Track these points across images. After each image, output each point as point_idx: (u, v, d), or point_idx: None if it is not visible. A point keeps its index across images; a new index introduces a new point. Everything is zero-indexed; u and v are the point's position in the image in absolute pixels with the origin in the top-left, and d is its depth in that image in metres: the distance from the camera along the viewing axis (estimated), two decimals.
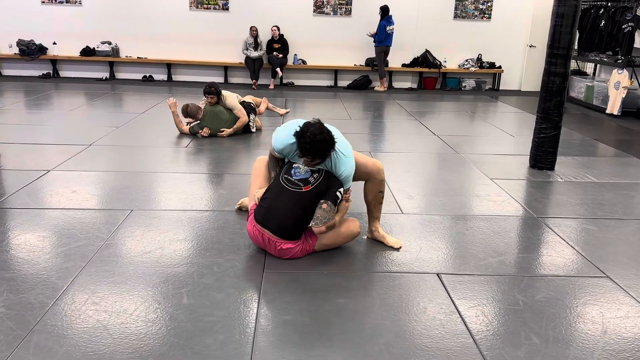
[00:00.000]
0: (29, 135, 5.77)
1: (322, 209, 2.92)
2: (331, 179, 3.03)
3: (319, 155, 2.86)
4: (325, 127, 2.89)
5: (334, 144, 2.89)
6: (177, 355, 2.17)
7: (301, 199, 2.96)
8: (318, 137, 2.80)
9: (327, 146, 2.85)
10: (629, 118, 8.28)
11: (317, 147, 2.82)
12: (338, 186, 3.00)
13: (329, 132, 2.87)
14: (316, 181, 2.99)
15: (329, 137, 2.85)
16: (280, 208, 2.98)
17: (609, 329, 2.45)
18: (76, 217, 3.55)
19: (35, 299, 2.54)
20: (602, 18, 9.12)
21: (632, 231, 3.64)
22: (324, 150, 2.85)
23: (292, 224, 2.98)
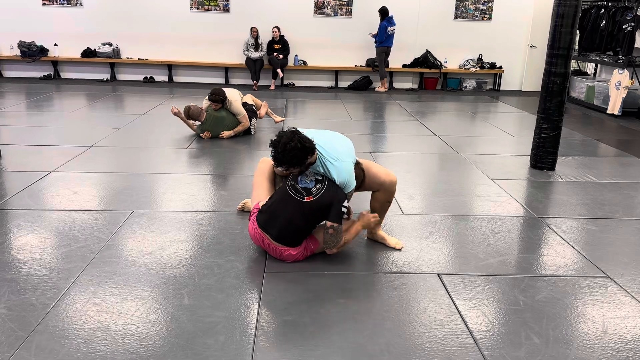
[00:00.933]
0: (31, 137, 5.78)
1: (329, 234, 2.89)
2: (335, 190, 2.93)
3: (293, 163, 2.82)
4: (298, 135, 2.82)
5: (307, 150, 2.82)
6: (178, 355, 2.17)
7: (303, 208, 2.91)
8: (288, 146, 2.76)
9: (300, 154, 2.79)
10: (630, 118, 8.27)
11: (288, 156, 2.78)
12: (342, 198, 2.90)
13: (302, 140, 2.80)
14: (319, 192, 2.91)
15: (300, 145, 2.78)
16: (282, 215, 2.94)
17: (609, 329, 2.45)
18: (77, 219, 3.56)
19: (36, 300, 2.54)
20: (602, 18, 9.12)
21: (632, 231, 3.64)
22: (297, 158, 2.80)
23: (293, 232, 2.96)
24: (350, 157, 3.02)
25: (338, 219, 2.89)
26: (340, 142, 3.09)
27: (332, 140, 3.05)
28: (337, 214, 2.88)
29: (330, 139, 3.05)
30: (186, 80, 10.94)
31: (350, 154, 3.05)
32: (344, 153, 3.01)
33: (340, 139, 3.15)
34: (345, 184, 2.95)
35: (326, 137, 3.05)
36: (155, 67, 10.85)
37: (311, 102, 9.11)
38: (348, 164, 2.97)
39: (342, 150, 3.01)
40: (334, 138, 3.11)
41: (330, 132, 3.20)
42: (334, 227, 2.88)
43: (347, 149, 3.07)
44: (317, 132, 3.07)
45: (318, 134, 3.04)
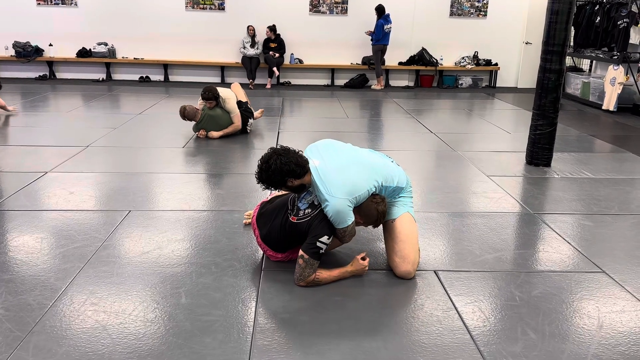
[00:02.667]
0: (26, 137, 5.77)
1: (298, 264, 2.69)
2: (320, 222, 2.69)
3: (269, 184, 2.71)
4: (279, 159, 2.63)
5: (284, 173, 2.64)
6: (175, 354, 2.18)
7: (286, 224, 2.80)
8: (264, 167, 2.68)
9: (275, 177, 2.65)
10: (625, 114, 8.30)
11: (264, 175, 2.69)
12: (320, 233, 2.65)
13: (282, 163, 2.62)
14: (304, 217, 2.74)
15: (274, 168, 2.62)
16: (273, 219, 2.87)
17: (605, 324, 2.47)
18: (74, 219, 3.56)
19: (34, 301, 2.55)
20: (597, 14, 9.14)
21: (628, 226, 3.66)
22: (271, 180, 2.68)
23: (277, 239, 2.88)
24: (349, 195, 2.64)
25: (310, 252, 2.65)
26: (354, 173, 2.72)
27: (342, 168, 2.72)
28: (310, 246, 2.65)
29: (339, 167, 2.72)
30: (182, 80, 10.92)
31: (353, 190, 2.67)
32: (343, 187, 2.64)
33: (360, 168, 2.76)
34: (333, 221, 2.68)
35: (335, 164, 2.73)
36: (151, 67, 10.83)
37: (307, 100, 9.11)
38: (340, 201, 2.62)
39: (343, 184, 2.65)
40: (349, 166, 2.74)
41: (356, 155, 2.85)
42: (303, 259, 2.66)
43: (354, 183, 2.68)
44: (335, 154, 2.80)
45: (331, 158, 2.77)
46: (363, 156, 2.90)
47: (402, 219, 2.89)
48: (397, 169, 2.96)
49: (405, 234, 2.85)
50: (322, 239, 2.65)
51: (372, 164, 2.85)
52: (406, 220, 2.89)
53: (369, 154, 3.00)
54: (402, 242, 2.83)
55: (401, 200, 2.95)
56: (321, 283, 2.75)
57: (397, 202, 2.94)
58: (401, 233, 2.84)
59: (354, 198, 2.66)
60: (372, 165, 2.84)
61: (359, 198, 2.70)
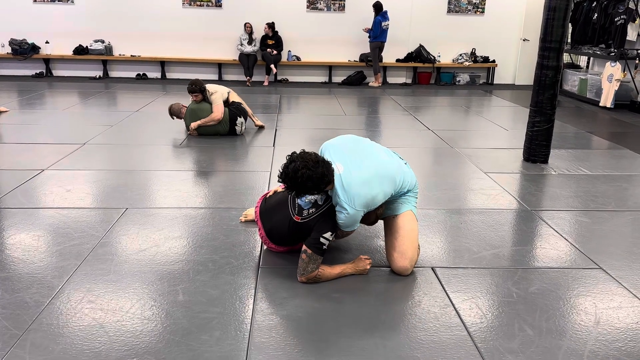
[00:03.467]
0: (23, 135, 5.75)
1: (301, 259, 2.70)
2: (325, 220, 2.71)
3: (296, 190, 2.59)
4: (307, 173, 2.51)
5: (309, 190, 2.57)
6: (173, 351, 2.18)
7: (290, 222, 2.81)
8: (291, 175, 2.55)
9: (301, 188, 2.57)
10: (622, 110, 8.32)
11: (292, 183, 2.56)
12: (325, 230, 2.67)
13: (307, 178, 2.51)
14: (309, 216, 2.75)
15: (301, 182, 2.52)
16: (276, 216, 2.90)
17: (602, 320, 2.48)
18: (71, 216, 3.55)
19: (30, 298, 2.54)
20: (594, 11, 9.15)
21: (624, 223, 3.67)
22: (301, 188, 2.57)
23: (279, 236, 2.93)
24: (366, 207, 2.67)
25: (313, 247, 2.67)
26: (376, 187, 2.68)
27: (367, 182, 2.65)
28: (314, 241, 2.67)
29: (364, 181, 2.64)
30: (179, 77, 10.90)
31: (371, 204, 2.68)
32: (364, 201, 2.64)
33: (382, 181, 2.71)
34: (343, 226, 2.71)
35: (360, 177, 2.64)
36: (147, 64, 10.81)
37: (305, 97, 9.10)
38: (359, 213, 2.65)
39: (365, 197, 2.64)
40: (373, 179, 2.68)
41: (378, 164, 2.77)
42: (306, 253, 2.67)
43: (374, 197, 2.67)
44: (359, 163, 2.70)
45: (356, 167, 2.68)
46: (385, 168, 2.79)
47: (404, 215, 2.89)
48: (408, 172, 2.95)
49: (406, 230, 2.85)
50: (326, 235, 2.67)
51: (392, 176, 2.78)
52: (408, 218, 2.90)
53: (390, 160, 2.88)
54: (402, 238, 2.84)
55: (406, 198, 2.95)
56: (322, 279, 2.75)
57: (402, 199, 2.94)
58: (402, 229, 2.85)
59: (368, 209, 2.72)
60: (392, 178, 2.78)
61: (373, 207, 2.75)
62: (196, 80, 5.88)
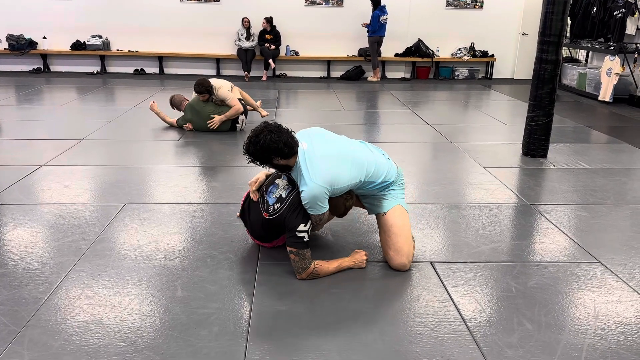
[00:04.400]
0: (21, 131, 5.73)
1: (292, 259, 2.70)
2: (292, 213, 2.67)
3: (255, 158, 2.63)
4: (269, 135, 2.55)
5: (271, 151, 2.56)
6: (171, 347, 2.17)
7: (262, 219, 2.80)
8: (253, 139, 2.59)
9: (262, 153, 2.58)
10: (621, 104, 8.31)
11: (250, 148, 2.61)
12: (297, 222, 2.63)
13: (271, 140, 2.54)
14: (275, 212, 2.71)
15: (263, 144, 2.55)
16: (252, 214, 2.90)
17: (600, 314, 2.48)
18: (69, 212, 3.54)
19: (28, 294, 2.53)
20: (593, 5, 9.12)
21: (623, 217, 3.67)
22: (258, 154, 2.60)
23: (258, 233, 2.93)
24: (328, 184, 2.59)
25: (295, 244, 2.64)
26: (339, 165, 2.66)
27: (328, 157, 2.66)
28: (292, 238, 2.65)
29: (325, 155, 2.66)
30: (177, 72, 10.87)
31: (333, 181, 2.61)
32: (325, 175, 2.59)
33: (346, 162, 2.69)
34: (308, 207, 2.65)
35: (322, 152, 2.67)
36: (145, 59, 10.77)
37: (303, 92, 9.08)
38: (319, 188, 2.58)
39: (327, 172, 2.61)
40: (336, 157, 2.68)
41: (344, 148, 2.78)
42: (293, 252, 2.66)
43: (336, 174, 2.63)
44: (325, 143, 2.75)
45: (320, 145, 2.71)
46: (352, 151, 2.79)
47: (393, 212, 2.87)
48: (386, 164, 2.89)
49: (398, 226, 2.84)
50: (300, 228, 2.64)
51: (359, 161, 2.75)
52: (397, 213, 2.87)
53: (360, 148, 2.88)
54: (395, 235, 2.83)
55: (391, 192, 2.92)
56: (321, 274, 2.74)
57: (387, 194, 2.91)
58: (393, 226, 2.84)
59: (332, 188, 2.62)
60: (359, 162, 2.75)
61: (336, 190, 2.66)
62: (203, 81, 5.77)
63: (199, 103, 5.86)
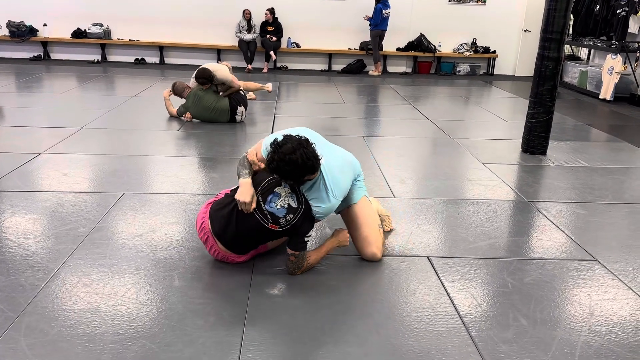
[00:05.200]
0: (20, 118, 5.72)
1: (289, 260, 2.66)
2: (304, 221, 2.61)
3: (287, 177, 2.48)
4: (304, 149, 2.42)
5: (307, 169, 2.44)
6: (168, 336, 2.18)
7: (264, 231, 2.62)
8: (287, 158, 2.39)
9: (298, 171, 2.43)
10: (622, 103, 8.30)
11: (285, 169, 2.42)
12: (307, 231, 2.63)
13: (307, 157, 2.41)
14: (287, 224, 2.59)
15: (302, 162, 2.40)
16: (241, 228, 2.63)
17: (596, 311, 2.48)
18: (67, 200, 3.54)
19: (26, 281, 2.54)
20: (596, 3, 9.09)
21: (621, 215, 3.67)
22: (293, 173, 2.44)
23: (246, 244, 2.72)
24: (342, 196, 2.69)
25: (300, 248, 2.63)
26: (347, 174, 2.75)
27: (341, 169, 2.70)
28: (300, 244, 2.63)
29: (340, 168, 2.69)
30: (178, 62, 10.83)
31: (346, 192, 2.73)
32: (343, 190, 2.68)
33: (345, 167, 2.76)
34: (320, 215, 2.66)
35: (336, 164, 2.68)
36: (146, 49, 10.73)
37: (304, 85, 9.06)
38: (337, 202, 2.65)
39: (344, 186, 2.68)
40: (344, 167, 2.74)
41: (340, 153, 2.83)
42: (295, 255, 2.64)
43: (347, 185, 2.73)
44: (330, 151, 2.74)
45: (329, 155, 2.69)
46: (344, 152, 2.91)
47: (359, 203, 2.89)
48: (354, 157, 2.97)
49: (364, 216, 2.85)
50: (308, 234, 2.66)
51: (353, 160, 2.91)
52: (362, 204, 2.88)
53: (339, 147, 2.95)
54: (362, 226, 2.84)
55: (358, 184, 2.95)
56: (312, 265, 2.75)
57: (355, 186, 2.92)
58: (359, 217, 2.85)
59: (343, 197, 2.74)
60: (353, 162, 2.90)
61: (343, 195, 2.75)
62: (204, 72, 5.77)
63: (200, 92, 5.86)
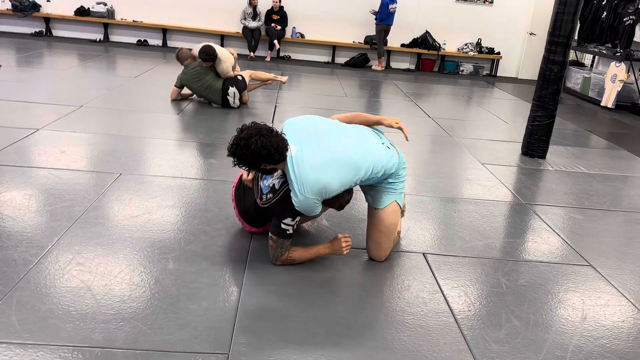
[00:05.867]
0: (19, 93, 5.67)
1: (269, 245, 2.65)
2: (283, 206, 2.57)
3: (241, 162, 2.44)
4: (261, 139, 2.34)
5: (261, 157, 2.37)
6: (160, 318, 2.17)
7: (255, 205, 2.76)
8: (242, 143, 2.38)
9: (249, 158, 2.39)
10: (623, 112, 8.30)
11: (238, 152, 2.41)
12: (284, 217, 2.55)
13: (262, 146, 2.33)
14: (267, 202, 2.65)
15: (254, 149, 2.34)
16: (246, 197, 2.86)
17: (588, 316, 2.49)
18: (64, 178, 3.51)
19: (19, 257, 2.52)
20: (604, 9, 9.07)
21: (618, 222, 3.68)
22: (245, 159, 2.41)
23: (251, 217, 2.87)
24: (318, 195, 2.44)
25: (276, 233, 2.59)
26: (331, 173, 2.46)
27: (318, 167, 2.44)
28: (275, 228, 2.58)
29: (316, 165, 2.44)
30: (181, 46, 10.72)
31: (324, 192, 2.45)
32: (314, 188, 2.42)
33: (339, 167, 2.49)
34: (298, 209, 2.52)
35: (312, 161, 2.44)
36: (149, 30, 10.65)
37: (307, 76, 9.02)
38: (309, 200, 2.45)
39: (315, 184, 2.42)
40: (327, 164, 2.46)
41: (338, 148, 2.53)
42: (272, 239, 2.61)
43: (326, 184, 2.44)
44: (315, 145, 2.49)
45: (310, 150, 2.47)
46: (345, 152, 2.54)
47: (386, 210, 2.76)
48: (385, 156, 2.67)
49: (385, 225, 2.76)
50: (286, 221, 2.55)
51: (353, 162, 2.53)
52: (390, 211, 2.76)
53: (355, 144, 2.61)
54: (379, 232, 2.77)
55: (391, 186, 2.78)
56: (296, 261, 2.68)
57: (386, 188, 2.77)
58: (381, 224, 2.76)
59: (322, 197, 2.49)
60: (353, 164, 2.53)
61: (327, 196, 2.52)
62: (209, 49, 5.83)
63: (200, 68, 5.92)
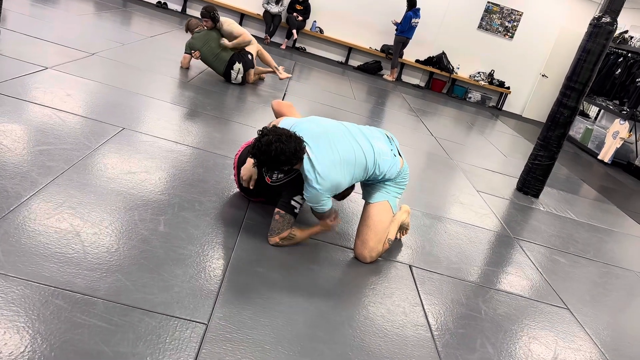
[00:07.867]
0: (31, 28, 5.57)
1: (274, 219, 2.69)
2: (294, 184, 2.69)
3: (261, 164, 2.53)
4: (280, 146, 2.43)
5: (280, 164, 2.49)
6: (144, 277, 2.15)
7: (263, 183, 2.82)
8: (263, 149, 2.44)
9: (271, 163, 2.48)
10: (618, 169, 8.43)
11: (258, 156, 2.48)
12: (297, 192, 2.68)
13: (281, 151, 2.43)
14: (277, 181, 2.73)
15: (274, 155, 2.43)
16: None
17: (559, 357, 2.52)
18: (66, 120, 3.47)
19: (11, 188, 2.48)
20: (619, 66, 9.21)
21: (599, 273, 3.74)
22: (265, 163, 2.50)
23: (253, 190, 2.96)
24: (329, 191, 2.60)
25: (285, 208, 2.68)
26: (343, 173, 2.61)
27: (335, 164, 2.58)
28: (286, 203, 2.69)
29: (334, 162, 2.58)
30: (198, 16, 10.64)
31: (334, 189, 2.61)
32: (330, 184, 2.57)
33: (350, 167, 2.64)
34: (307, 199, 2.66)
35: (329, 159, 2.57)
36: None
37: (318, 71, 9.01)
38: (320, 195, 2.59)
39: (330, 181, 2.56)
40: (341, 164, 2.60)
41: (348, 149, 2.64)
42: (280, 214, 2.68)
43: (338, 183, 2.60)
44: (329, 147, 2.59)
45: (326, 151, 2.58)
46: (352, 149, 2.67)
47: (377, 205, 2.85)
48: (389, 162, 2.79)
49: (374, 220, 2.83)
50: (296, 198, 2.68)
51: (359, 159, 2.67)
52: (380, 208, 2.85)
53: (362, 145, 2.71)
54: (367, 227, 2.82)
55: (387, 187, 2.88)
56: (294, 240, 2.75)
57: (382, 187, 2.88)
58: (369, 218, 2.83)
59: (333, 193, 2.65)
60: (360, 161, 2.68)
61: (338, 192, 2.71)
62: (210, 6, 5.89)
63: (209, 34, 5.88)
